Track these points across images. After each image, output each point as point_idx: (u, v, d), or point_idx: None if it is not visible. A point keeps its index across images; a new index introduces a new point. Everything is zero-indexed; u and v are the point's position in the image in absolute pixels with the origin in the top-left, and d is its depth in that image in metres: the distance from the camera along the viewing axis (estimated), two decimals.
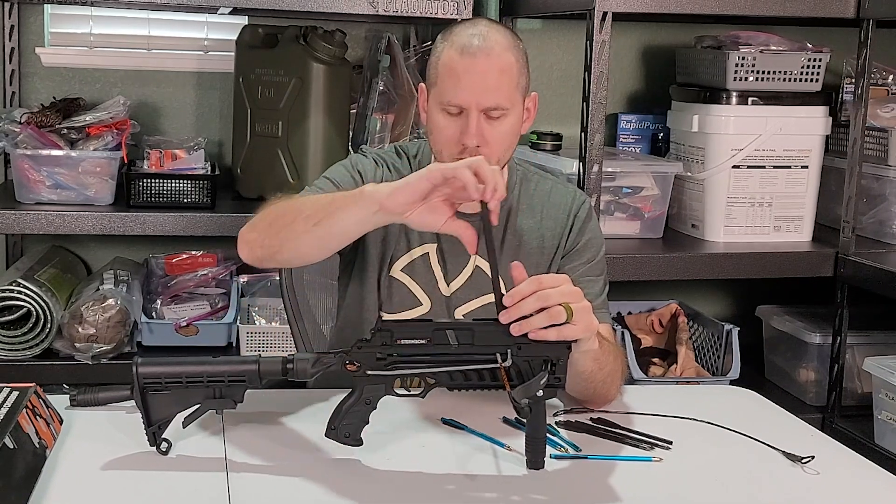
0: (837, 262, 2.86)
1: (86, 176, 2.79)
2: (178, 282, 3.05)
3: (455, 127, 1.83)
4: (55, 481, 1.49)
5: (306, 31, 2.90)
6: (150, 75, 3.21)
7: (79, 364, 2.74)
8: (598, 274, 2.01)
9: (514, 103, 1.85)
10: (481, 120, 1.82)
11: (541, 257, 1.99)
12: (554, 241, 2.00)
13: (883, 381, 2.69)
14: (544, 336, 1.54)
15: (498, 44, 1.83)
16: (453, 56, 1.82)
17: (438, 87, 1.85)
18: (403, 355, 1.57)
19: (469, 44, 1.82)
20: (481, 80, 1.80)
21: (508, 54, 1.83)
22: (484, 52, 1.81)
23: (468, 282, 1.96)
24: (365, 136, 3.06)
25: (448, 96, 1.82)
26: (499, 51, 1.82)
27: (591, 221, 2.03)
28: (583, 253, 2.00)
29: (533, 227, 2.00)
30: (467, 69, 1.81)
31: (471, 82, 1.80)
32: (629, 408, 1.87)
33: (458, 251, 1.96)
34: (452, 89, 1.82)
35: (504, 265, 1.96)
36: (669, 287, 3.31)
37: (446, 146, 1.85)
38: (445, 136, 1.84)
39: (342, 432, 1.59)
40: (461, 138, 1.82)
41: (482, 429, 1.72)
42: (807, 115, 2.95)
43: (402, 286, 1.97)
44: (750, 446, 1.73)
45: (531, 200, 2.01)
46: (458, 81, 1.81)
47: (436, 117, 1.86)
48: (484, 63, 1.80)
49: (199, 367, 1.57)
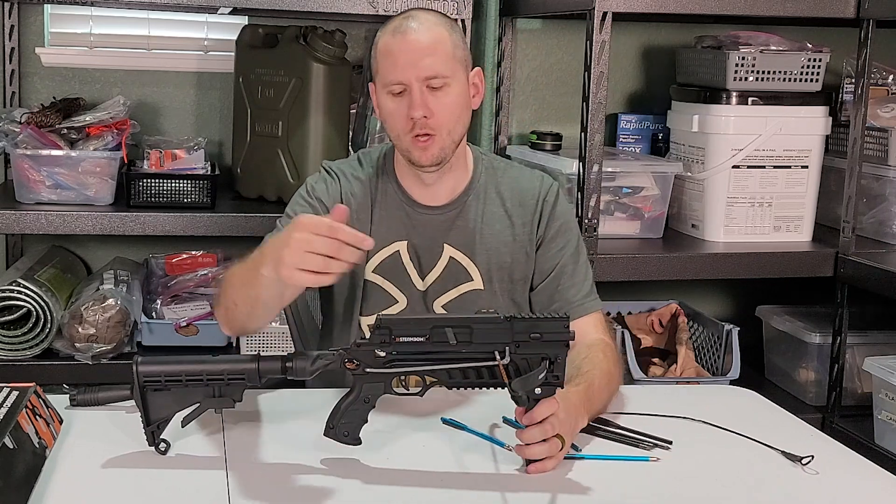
0: (837, 262, 2.86)
1: (86, 176, 2.79)
2: (178, 282, 3.04)
3: (402, 106, 1.88)
4: (55, 481, 1.49)
5: (306, 31, 2.90)
6: (150, 75, 3.21)
7: (79, 364, 2.74)
8: (578, 262, 2.02)
9: (453, 72, 1.89)
10: (424, 92, 1.87)
11: (513, 246, 2.00)
12: (525, 228, 2.01)
13: (883, 381, 2.69)
14: (542, 468, 1.58)
15: (427, 20, 1.90)
16: (388, 39, 1.89)
17: (381, 73, 1.91)
18: (402, 353, 1.57)
19: (400, 24, 1.90)
20: (415, 53, 1.87)
21: (439, 27, 1.90)
22: (413, 28, 1.88)
23: (444, 273, 1.99)
24: (365, 136, 3.06)
25: (388, 76, 1.88)
26: (428, 25, 1.89)
27: (561, 205, 2.04)
28: (557, 240, 2.01)
29: (503, 215, 2.01)
30: (400, 46, 1.87)
31: (406, 56, 1.87)
32: (629, 408, 1.87)
33: (430, 244, 1.98)
34: (391, 68, 1.88)
35: (479, 258, 1.99)
36: (669, 287, 3.31)
37: (398, 127, 1.90)
38: (395, 118, 1.90)
39: (341, 431, 1.59)
40: (409, 113, 1.87)
41: (482, 428, 1.72)
42: (807, 115, 2.95)
43: (375, 287, 1.99)
44: (750, 446, 1.73)
45: (499, 188, 2.03)
46: (394, 60, 1.87)
47: (384, 103, 1.91)
48: (414, 36, 1.87)
49: (198, 366, 1.58)
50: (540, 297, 2.00)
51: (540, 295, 2.01)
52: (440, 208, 1.99)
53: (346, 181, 2.01)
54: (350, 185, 2.00)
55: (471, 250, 1.99)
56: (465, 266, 1.99)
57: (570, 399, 1.65)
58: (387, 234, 1.98)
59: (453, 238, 1.99)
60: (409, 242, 1.99)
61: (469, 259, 1.99)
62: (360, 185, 2.00)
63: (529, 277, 2.02)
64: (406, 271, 1.99)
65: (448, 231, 1.99)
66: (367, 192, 2.00)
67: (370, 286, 1.99)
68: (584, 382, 1.73)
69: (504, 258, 2.00)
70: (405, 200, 1.99)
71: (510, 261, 2.00)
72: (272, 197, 2.95)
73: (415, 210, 1.99)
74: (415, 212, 1.99)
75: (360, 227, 1.96)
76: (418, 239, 1.98)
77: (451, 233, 1.99)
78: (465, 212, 2.00)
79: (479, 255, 1.99)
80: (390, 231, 1.98)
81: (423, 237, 1.99)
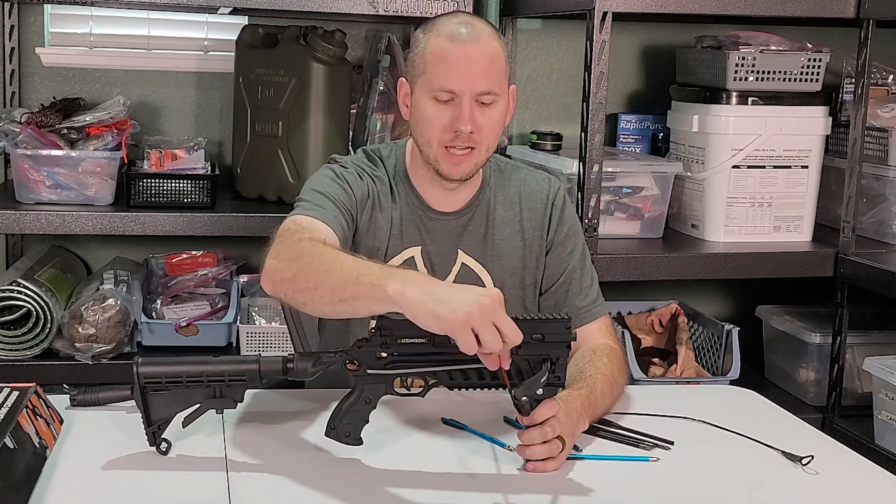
0: (837, 262, 2.86)
1: (86, 176, 2.79)
2: (178, 282, 3.04)
3: (446, 114, 1.83)
4: (55, 481, 1.49)
5: (306, 31, 2.90)
6: (150, 75, 3.21)
7: (79, 364, 2.74)
8: (584, 265, 2.02)
9: (503, 90, 1.87)
10: (474, 106, 1.83)
11: (524, 251, 1.99)
12: (535, 233, 2.00)
13: (883, 381, 2.69)
14: (543, 468, 1.59)
15: (485, 32, 1.85)
16: (442, 43, 1.83)
17: (427, 76, 1.84)
18: (403, 354, 1.57)
19: (457, 31, 1.83)
20: (473, 66, 1.82)
21: (495, 42, 1.86)
22: (473, 38, 1.83)
23: (457, 280, 1.96)
24: (365, 136, 3.06)
25: (440, 83, 1.83)
26: (486, 38, 1.84)
27: (568, 208, 2.04)
28: (566, 244, 2.01)
29: (513, 220, 2.00)
30: (458, 55, 1.82)
31: (463, 68, 1.81)
32: (629, 408, 1.87)
33: (444, 250, 1.96)
34: (444, 75, 1.82)
35: (490, 264, 1.98)
36: (669, 287, 3.31)
37: (437, 134, 1.85)
38: (437, 125, 1.85)
39: (342, 432, 1.59)
40: (453, 125, 1.83)
41: (482, 428, 1.72)
42: (807, 115, 2.95)
43: None
44: (750, 446, 1.73)
45: (508, 191, 2.01)
46: (449, 68, 1.82)
47: (425, 107, 1.86)
48: (474, 49, 1.82)
49: (199, 367, 1.58)
50: (548, 301, 2.00)
51: (548, 300, 2.00)
52: (453, 214, 1.97)
53: (371, 181, 1.95)
54: (375, 186, 1.95)
55: (482, 256, 1.97)
56: (477, 272, 1.97)
57: (571, 403, 1.65)
58: (403, 240, 1.95)
59: (466, 244, 1.97)
60: (423, 248, 1.96)
61: (481, 265, 1.97)
62: (382, 185, 1.96)
63: (539, 282, 2.01)
64: None
65: (461, 237, 1.97)
66: (388, 194, 1.95)
67: None
68: (586, 386, 1.73)
69: (515, 264, 1.99)
70: (419, 205, 1.96)
71: (521, 266, 1.99)
72: (272, 197, 2.95)
73: (428, 215, 1.96)
74: (428, 217, 1.96)
75: (383, 230, 1.94)
76: (432, 245, 1.96)
77: (463, 238, 1.97)
78: (476, 217, 1.98)
79: (491, 262, 1.98)
80: (406, 236, 1.95)
81: (437, 243, 1.96)
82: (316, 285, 1.58)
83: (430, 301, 1.45)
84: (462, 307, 1.43)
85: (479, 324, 1.43)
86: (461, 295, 1.46)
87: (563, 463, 1.60)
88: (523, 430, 1.58)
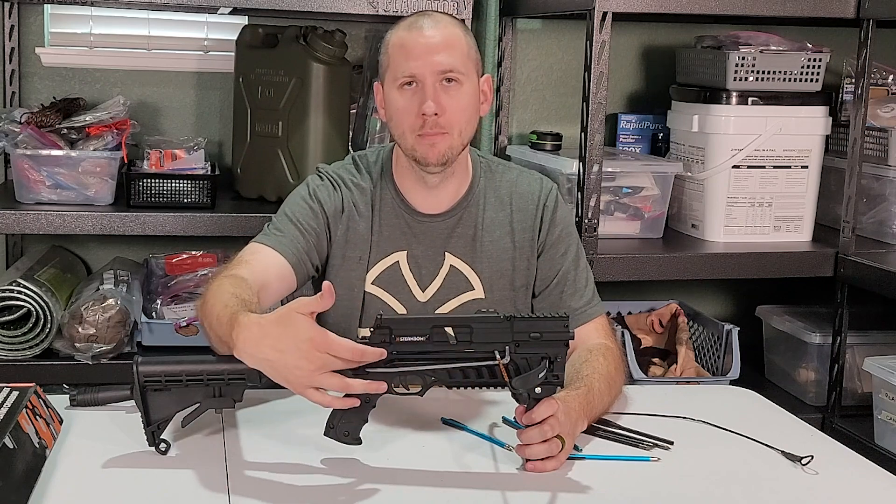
0: (837, 262, 2.86)
1: (86, 176, 2.79)
2: (178, 282, 3.04)
3: (413, 101, 1.85)
4: (55, 481, 1.49)
5: (306, 31, 2.90)
6: (150, 75, 3.21)
7: (79, 364, 2.74)
8: (578, 266, 2.01)
9: (467, 71, 1.87)
10: (437, 88, 1.84)
11: (514, 253, 1.99)
12: (525, 235, 1.99)
13: (883, 381, 2.69)
14: (542, 467, 1.59)
15: (442, 18, 1.89)
16: (401, 34, 1.88)
17: (391, 68, 1.88)
18: (402, 353, 1.57)
19: (415, 21, 1.88)
20: (431, 46, 1.85)
21: (454, 27, 1.89)
22: (431, 25, 1.87)
23: (445, 282, 1.97)
24: (365, 136, 3.06)
25: (401, 69, 1.86)
26: (444, 23, 1.88)
27: (561, 209, 2.02)
28: (558, 246, 2.00)
29: (503, 221, 1.99)
30: (416, 39, 1.85)
31: (421, 49, 1.85)
32: (629, 408, 1.87)
33: (430, 253, 1.96)
34: (405, 61, 1.85)
35: (479, 266, 1.97)
36: (669, 287, 3.31)
37: (408, 122, 1.86)
38: (404, 113, 1.86)
39: (341, 431, 1.59)
40: (419, 110, 1.84)
41: (482, 428, 1.72)
42: (807, 115, 2.95)
43: (375, 299, 1.96)
44: (750, 446, 1.73)
45: (498, 192, 2.01)
46: (408, 52, 1.85)
47: (393, 98, 1.88)
48: (432, 31, 1.86)
49: (198, 366, 1.58)
50: (542, 304, 1.99)
51: (542, 302, 1.99)
52: (440, 216, 1.97)
53: (347, 191, 1.97)
54: (352, 195, 1.96)
55: (471, 258, 1.97)
56: (465, 275, 1.97)
57: (569, 403, 1.64)
58: (386, 245, 1.96)
59: (454, 246, 1.97)
60: (408, 252, 1.96)
61: (470, 267, 1.97)
62: (361, 193, 1.97)
63: (531, 284, 2.00)
64: (406, 282, 1.97)
65: (448, 239, 1.97)
66: (368, 201, 1.96)
67: (369, 298, 1.96)
68: (583, 386, 1.73)
69: (505, 266, 1.98)
70: (404, 209, 1.96)
71: (511, 269, 1.99)
72: (272, 197, 2.95)
73: (414, 218, 1.96)
74: (414, 220, 1.96)
75: (363, 238, 1.95)
76: (419, 248, 1.96)
77: (451, 240, 1.97)
78: (464, 218, 1.97)
79: (480, 264, 1.97)
80: (390, 241, 1.96)
81: (423, 246, 1.96)
82: (209, 328, 1.68)
83: (265, 368, 1.53)
84: (288, 374, 1.49)
85: (312, 380, 1.49)
86: (283, 359, 1.49)
87: (563, 463, 1.60)
88: (522, 429, 1.58)
